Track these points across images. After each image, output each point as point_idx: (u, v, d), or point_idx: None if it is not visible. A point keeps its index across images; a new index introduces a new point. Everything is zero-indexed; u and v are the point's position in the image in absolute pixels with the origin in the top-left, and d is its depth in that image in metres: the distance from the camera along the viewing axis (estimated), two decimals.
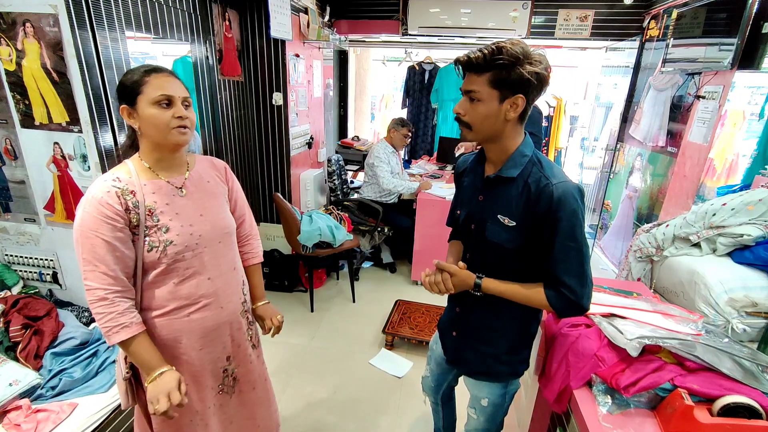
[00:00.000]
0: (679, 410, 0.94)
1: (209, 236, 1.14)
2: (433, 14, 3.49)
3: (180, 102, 1.04)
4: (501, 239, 1.06)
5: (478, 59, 0.96)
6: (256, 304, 1.43)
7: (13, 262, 1.90)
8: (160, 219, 1.07)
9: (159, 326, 1.11)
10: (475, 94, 0.99)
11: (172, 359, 1.14)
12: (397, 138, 3.43)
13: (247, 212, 1.36)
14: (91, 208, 1.00)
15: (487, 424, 1.34)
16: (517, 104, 0.98)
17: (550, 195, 0.98)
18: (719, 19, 2.24)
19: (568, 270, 1.00)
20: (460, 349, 1.28)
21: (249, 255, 1.38)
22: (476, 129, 1.03)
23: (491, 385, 1.26)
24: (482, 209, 1.11)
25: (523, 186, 1.03)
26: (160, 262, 1.07)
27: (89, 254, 1.00)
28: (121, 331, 1.01)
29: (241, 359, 1.30)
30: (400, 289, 3.31)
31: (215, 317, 1.18)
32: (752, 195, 1.61)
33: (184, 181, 1.14)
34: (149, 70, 1.03)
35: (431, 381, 1.53)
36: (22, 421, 1.39)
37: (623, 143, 3.36)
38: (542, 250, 1.03)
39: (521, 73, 0.94)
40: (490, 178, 1.09)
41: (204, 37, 2.41)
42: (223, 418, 1.30)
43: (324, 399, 2.17)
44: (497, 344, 1.21)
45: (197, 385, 1.20)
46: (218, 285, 1.18)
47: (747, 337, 1.41)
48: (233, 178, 1.30)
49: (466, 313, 1.24)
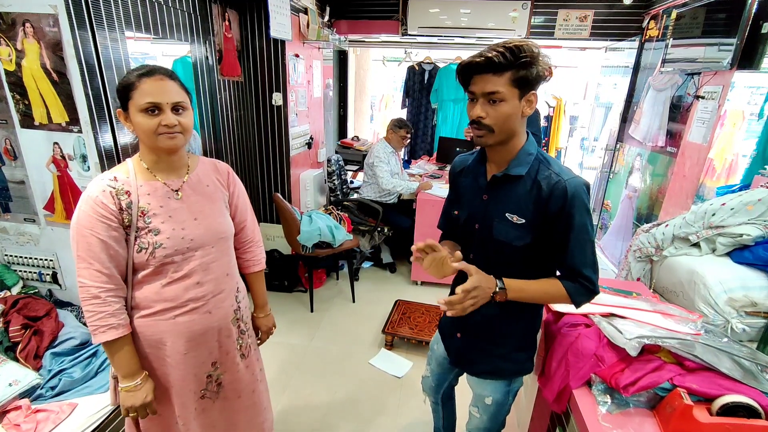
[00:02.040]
0: (678, 410, 0.94)
1: (202, 240, 1.13)
2: (433, 14, 3.49)
3: (169, 108, 1.02)
4: (509, 237, 1.07)
5: (499, 59, 0.94)
6: (258, 313, 1.41)
7: (13, 263, 1.90)
8: (152, 221, 1.07)
9: (145, 326, 1.11)
10: (498, 95, 0.97)
11: (157, 360, 1.15)
12: (395, 139, 3.43)
13: (249, 218, 1.33)
14: (86, 207, 1.02)
15: (489, 422, 1.34)
16: (532, 101, 1.00)
17: (563, 191, 1.00)
18: (718, 19, 2.25)
19: (584, 262, 1.04)
20: (467, 351, 1.27)
21: (250, 262, 1.36)
22: (499, 130, 1.01)
23: (496, 383, 1.26)
24: (487, 208, 1.11)
25: (532, 183, 1.05)
26: (148, 263, 1.07)
27: (84, 252, 1.01)
28: (108, 331, 1.03)
29: (228, 366, 1.27)
30: (399, 289, 3.31)
31: (203, 321, 1.16)
32: (751, 195, 1.61)
33: (182, 183, 1.14)
34: (142, 74, 1.01)
35: (432, 381, 1.52)
36: (21, 421, 1.39)
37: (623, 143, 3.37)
38: (554, 244, 1.05)
39: (539, 70, 0.96)
40: (497, 177, 1.09)
41: (204, 37, 2.41)
42: (205, 423, 1.28)
43: (324, 399, 2.17)
44: (505, 343, 1.21)
45: (179, 389, 1.18)
46: (208, 290, 1.16)
47: (746, 337, 1.41)
48: (236, 183, 1.28)
49: (472, 315, 1.21)
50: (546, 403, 1.26)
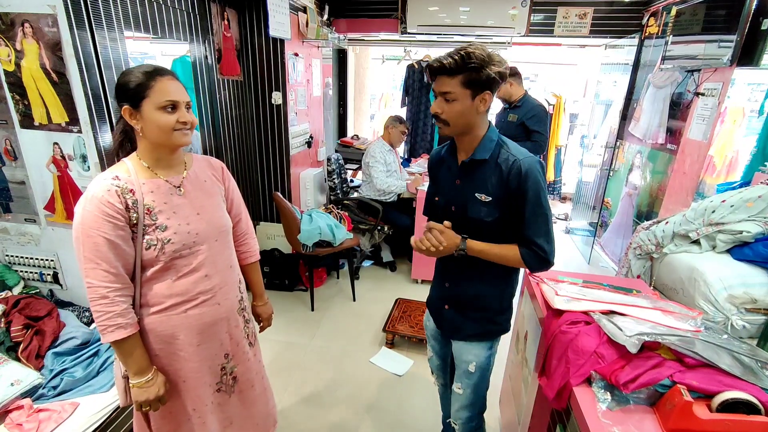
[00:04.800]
0: (678, 406, 0.94)
1: (206, 234, 1.16)
2: (432, 12, 3.48)
3: (183, 106, 1.07)
4: (481, 214, 1.22)
5: (450, 64, 1.09)
6: (257, 302, 1.46)
7: (14, 263, 1.91)
8: (158, 218, 1.09)
9: (157, 322, 1.13)
10: (450, 95, 1.13)
11: (168, 356, 1.16)
12: (395, 134, 3.42)
13: (243, 211, 1.38)
14: (92, 207, 1.01)
15: (473, 395, 1.42)
16: (486, 99, 1.14)
17: (518, 169, 1.15)
18: (718, 15, 2.24)
19: (537, 232, 1.17)
20: (456, 320, 1.39)
21: (246, 254, 1.40)
22: (453, 124, 1.18)
23: (479, 345, 1.37)
24: (461, 192, 1.25)
25: (494, 166, 1.19)
26: (158, 259, 1.09)
27: (91, 252, 1.01)
28: (116, 330, 1.04)
29: (239, 357, 1.32)
30: (400, 288, 3.31)
31: (212, 313, 1.20)
32: (751, 192, 1.61)
33: (182, 180, 1.16)
34: (152, 73, 1.04)
35: (436, 359, 1.60)
36: (24, 420, 1.40)
37: (623, 141, 3.36)
38: (515, 217, 1.19)
39: (488, 74, 1.08)
40: (465, 163, 1.24)
41: (203, 36, 2.41)
42: (221, 417, 1.31)
43: (324, 398, 2.18)
44: (489, 307, 1.35)
45: (195, 382, 1.21)
46: (215, 282, 1.19)
47: (746, 334, 1.42)
48: (230, 178, 1.32)
49: (456, 287, 1.36)
50: (546, 401, 1.26)
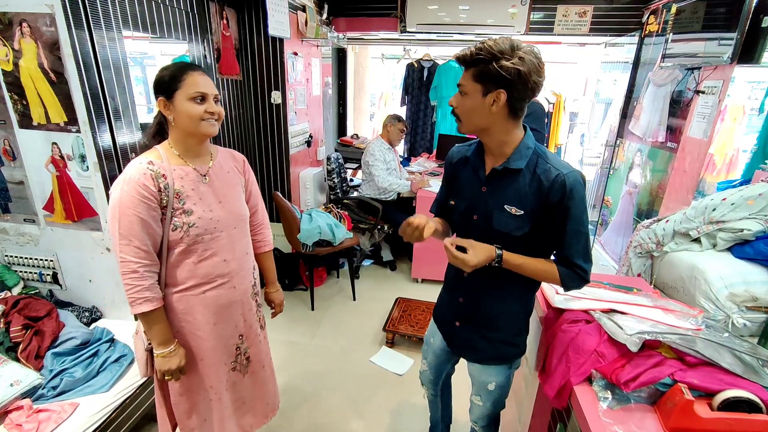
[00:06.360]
0: (679, 405, 0.94)
1: (226, 222, 1.25)
2: (432, 11, 3.48)
3: (211, 98, 1.16)
4: (509, 228, 1.12)
5: (465, 55, 1.04)
6: (270, 288, 1.59)
7: (13, 263, 1.91)
8: (186, 202, 1.17)
9: (177, 300, 1.23)
10: (462, 87, 1.07)
11: (189, 334, 1.26)
12: (394, 132, 3.42)
13: (260, 203, 1.46)
14: (129, 188, 1.09)
15: (492, 408, 1.38)
16: (499, 98, 1.02)
17: (562, 184, 1.04)
18: (718, 13, 2.23)
19: (578, 252, 1.09)
20: (469, 339, 1.31)
21: (261, 243, 1.51)
22: (465, 121, 1.10)
23: (499, 367, 1.30)
24: (487, 200, 1.15)
25: (532, 177, 1.08)
26: (181, 241, 1.17)
27: (126, 230, 1.09)
28: (144, 303, 1.13)
29: (252, 339, 1.42)
30: (400, 287, 3.31)
31: (228, 296, 1.29)
32: (752, 190, 1.61)
33: (208, 169, 1.25)
34: (185, 68, 1.15)
35: (430, 374, 1.55)
36: (23, 421, 1.39)
37: (623, 139, 3.36)
38: (551, 233, 1.10)
39: (497, 69, 0.98)
40: (496, 170, 1.12)
41: (202, 35, 2.40)
42: (235, 397, 1.40)
43: (325, 397, 2.18)
44: (507, 329, 1.26)
45: (212, 360, 1.30)
46: (232, 267, 1.28)
47: (747, 332, 1.41)
48: (250, 171, 1.41)
49: (471, 303, 1.26)
50: (547, 400, 1.26)
